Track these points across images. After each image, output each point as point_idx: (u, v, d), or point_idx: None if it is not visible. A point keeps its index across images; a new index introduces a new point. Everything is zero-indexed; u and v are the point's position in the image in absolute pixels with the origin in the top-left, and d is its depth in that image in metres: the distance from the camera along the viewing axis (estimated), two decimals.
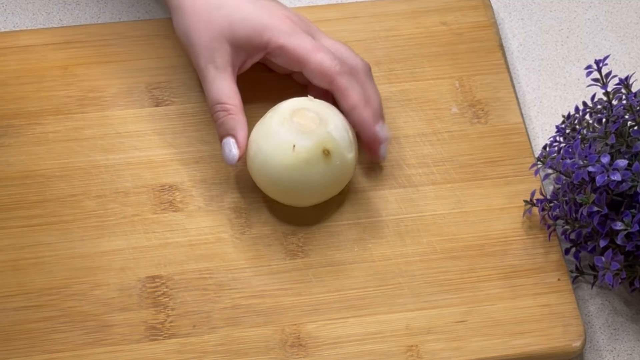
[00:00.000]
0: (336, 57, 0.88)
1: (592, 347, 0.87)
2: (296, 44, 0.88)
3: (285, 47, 0.88)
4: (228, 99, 0.87)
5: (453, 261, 0.87)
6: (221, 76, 0.88)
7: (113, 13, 1.02)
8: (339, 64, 0.87)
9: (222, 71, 0.88)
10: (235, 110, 0.87)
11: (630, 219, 0.81)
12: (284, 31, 0.88)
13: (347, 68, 0.88)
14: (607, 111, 0.87)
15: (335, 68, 0.87)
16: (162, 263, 0.86)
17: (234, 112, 0.87)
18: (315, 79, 0.88)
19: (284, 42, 0.88)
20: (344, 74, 0.88)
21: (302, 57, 0.88)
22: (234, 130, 0.87)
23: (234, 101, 0.87)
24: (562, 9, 1.05)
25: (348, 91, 0.88)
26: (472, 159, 0.92)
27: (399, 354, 0.83)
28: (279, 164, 0.84)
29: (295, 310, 0.84)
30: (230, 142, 0.87)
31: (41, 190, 0.89)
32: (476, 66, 0.97)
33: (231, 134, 0.87)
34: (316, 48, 0.88)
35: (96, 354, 0.82)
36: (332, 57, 0.88)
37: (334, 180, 0.86)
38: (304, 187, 0.85)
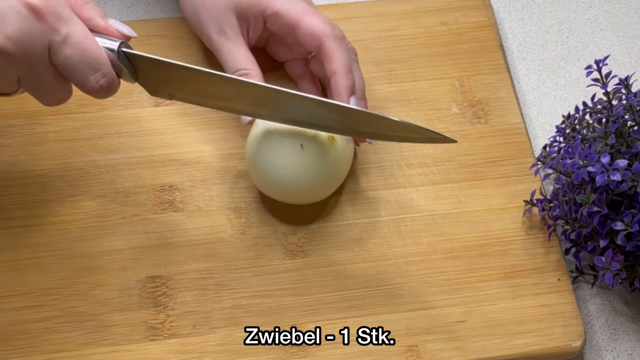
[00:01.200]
0: (328, 21, 0.88)
1: (592, 347, 0.87)
2: (289, 7, 0.88)
3: (279, 12, 0.89)
4: (246, 65, 0.89)
5: (453, 261, 0.87)
6: (236, 46, 0.89)
7: (113, 13, 1.02)
8: (329, 27, 0.88)
9: (236, 41, 0.89)
10: (254, 73, 0.89)
11: (630, 219, 0.81)
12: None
13: (338, 32, 0.88)
14: (607, 111, 0.87)
15: (326, 31, 0.87)
16: (162, 263, 0.86)
17: (254, 75, 0.88)
18: (306, 41, 0.88)
19: (279, 7, 0.89)
20: (334, 37, 0.88)
21: (294, 20, 0.88)
22: None
23: (252, 67, 0.89)
24: (562, 9, 1.05)
25: (334, 55, 0.87)
26: (472, 159, 0.92)
27: (399, 354, 0.83)
28: (288, 164, 0.84)
29: (295, 310, 0.84)
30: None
31: (41, 190, 0.89)
32: (476, 66, 0.97)
33: None
34: (309, 11, 0.88)
35: (96, 354, 0.82)
36: (324, 21, 0.88)
37: (339, 169, 0.86)
38: (312, 183, 0.85)
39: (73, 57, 0.76)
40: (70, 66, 0.77)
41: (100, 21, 0.79)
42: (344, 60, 0.87)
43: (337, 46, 0.87)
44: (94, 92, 0.78)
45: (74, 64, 0.77)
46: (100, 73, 0.78)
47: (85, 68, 0.77)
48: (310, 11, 0.89)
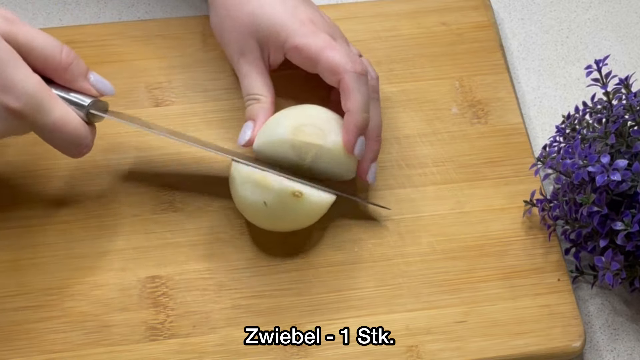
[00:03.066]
0: (350, 56, 0.87)
1: (592, 347, 0.87)
2: (309, 42, 0.87)
3: (298, 47, 0.87)
4: (258, 90, 0.89)
5: (453, 261, 0.87)
6: (253, 70, 0.90)
7: (113, 13, 1.02)
8: (350, 61, 0.86)
9: (254, 65, 0.89)
10: (264, 100, 0.89)
11: (630, 219, 0.81)
12: (301, 33, 0.87)
13: (359, 68, 0.86)
14: (607, 111, 0.87)
15: (345, 66, 0.86)
16: (162, 263, 0.86)
17: (263, 101, 0.89)
18: (327, 76, 0.87)
19: (298, 42, 0.87)
20: (353, 74, 0.86)
21: (314, 55, 0.87)
22: (256, 116, 0.89)
23: (264, 93, 0.89)
24: (562, 9, 1.05)
25: (351, 93, 0.85)
26: (472, 159, 0.92)
27: (398, 354, 0.83)
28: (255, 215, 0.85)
29: (295, 310, 0.84)
30: (248, 125, 0.88)
31: (41, 190, 0.89)
32: (476, 66, 0.97)
33: (253, 118, 0.89)
34: (329, 46, 0.87)
35: (96, 354, 0.82)
36: (345, 55, 0.86)
37: (307, 221, 0.86)
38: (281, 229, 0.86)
39: (54, 140, 0.81)
40: (52, 144, 0.81)
41: (82, 83, 0.82)
42: (360, 99, 0.86)
43: (355, 84, 0.86)
44: (73, 157, 0.83)
45: (56, 145, 0.81)
46: (81, 146, 0.82)
47: (66, 146, 0.82)
48: (331, 45, 0.87)
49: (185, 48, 0.97)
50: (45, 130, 0.80)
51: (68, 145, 0.81)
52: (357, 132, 0.85)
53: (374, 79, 0.90)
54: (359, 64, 0.86)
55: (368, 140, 0.87)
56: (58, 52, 0.80)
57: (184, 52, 0.96)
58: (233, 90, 0.95)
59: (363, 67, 0.87)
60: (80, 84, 0.82)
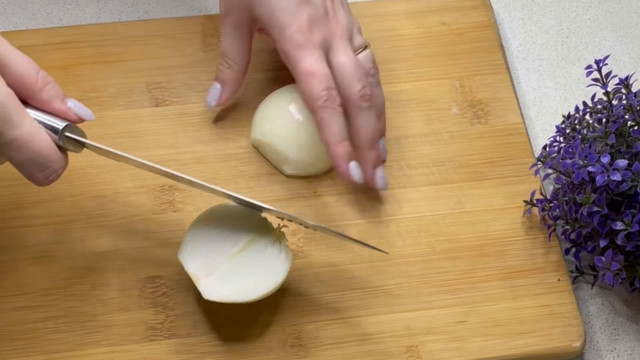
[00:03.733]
0: (329, 86, 0.85)
1: (592, 347, 0.87)
2: (297, 58, 0.86)
3: (287, 54, 0.86)
4: (234, 55, 0.91)
5: (453, 261, 0.87)
6: (234, 34, 0.90)
7: (113, 13, 1.02)
8: (326, 95, 0.85)
9: (238, 29, 0.90)
10: (236, 67, 0.91)
11: (630, 219, 0.81)
12: (294, 40, 0.86)
13: (333, 102, 0.85)
14: (607, 111, 0.87)
15: (318, 101, 0.85)
16: (162, 263, 0.86)
17: (235, 69, 0.91)
18: (304, 99, 0.86)
19: (288, 50, 0.86)
20: (326, 109, 0.85)
21: (296, 73, 0.86)
22: (224, 82, 0.91)
23: (238, 59, 0.91)
24: (562, 9, 1.05)
25: (325, 127, 0.85)
26: (472, 159, 0.92)
27: (398, 354, 0.83)
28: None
29: (295, 310, 0.84)
30: (216, 88, 0.91)
31: (41, 190, 0.88)
32: (476, 66, 0.97)
33: (221, 83, 0.91)
34: (312, 72, 0.85)
35: (96, 354, 0.82)
36: (324, 86, 0.85)
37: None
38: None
39: (19, 158, 0.75)
40: (17, 165, 0.76)
41: (59, 105, 0.77)
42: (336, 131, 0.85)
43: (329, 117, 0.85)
44: (39, 185, 0.77)
45: (21, 164, 0.75)
46: (49, 170, 0.76)
47: (32, 167, 0.76)
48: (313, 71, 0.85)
49: (185, 48, 0.97)
50: (11, 145, 0.74)
51: (34, 167, 0.75)
52: (341, 159, 0.85)
53: (359, 93, 0.87)
54: (333, 96, 0.85)
55: (362, 150, 0.87)
56: (34, 72, 0.76)
57: (184, 52, 0.96)
58: None
59: (341, 95, 0.86)
60: (57, 105, 0.77)
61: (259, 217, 0.83)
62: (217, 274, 0.81)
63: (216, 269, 0.82)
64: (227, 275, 0.81)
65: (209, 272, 0.81)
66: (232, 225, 0.83)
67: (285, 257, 0.82)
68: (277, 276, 0.82)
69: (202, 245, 0.82)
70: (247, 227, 0.83)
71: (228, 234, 0.83)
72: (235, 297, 0.81)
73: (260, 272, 0.82)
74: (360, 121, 0.87)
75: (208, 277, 0.81)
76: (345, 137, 0.86)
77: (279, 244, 0.83)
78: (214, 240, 0.82)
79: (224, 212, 0.84)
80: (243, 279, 0.81)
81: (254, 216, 0.83)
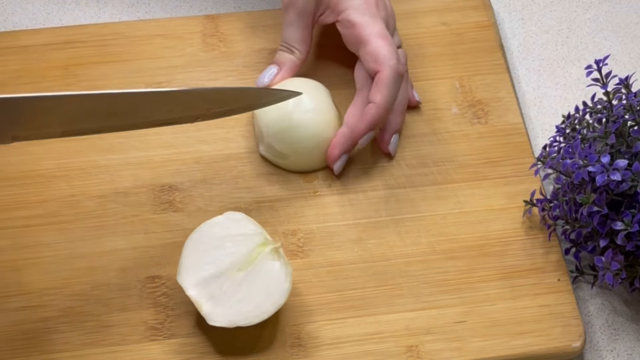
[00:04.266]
0: (395, 52, 0.88)
1: (592, 347, 0.87)
2: (365, 23, 0.89)
3: (353, 22, 0.89)
4: (295, 43, 0.92)
5: (453, 261, 0.87)
6: (298, 21, 0.91)
7: (113, 13, 1.02)
8: (395, 58, 0.88)
9: (302, 17, 0.91)
10: (297, 54, 0.92)
11: (630, 219, 0.81)
12: (361, 10, 0.89)
13: (401, 68, 0.88)
14: (607, 111, 0.87)
15: (390, 61, 0.87)
16: (162, 263, 0.86)
17: (296, 54, 0.91)
18: (368, 61, 0.89)
19: (354, 18, 0.89)
20: (393, 71, 0.87)
21: (364, 37, 0.89)
22: (283, 64, 0.92)
23: (300, 46, 0.92)
24: (562, 9, 1.05)
25: (385, 88, 0.87)
26: (472, 159, 0.92)
27: (398, 354, 0.83)
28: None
29: (295, 310, 0.84)
30: (272, 70, 0.92)
31: (41, 190, 0.89)
32: (476, 66, 0.97)
33: (279, 64, 0.91)
34: (382, 35, 0.88)
35: (96, 354, 0.82)
36: (392, 50, 0.88)
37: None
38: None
39: None
40: None
41: None
42: (389, 97, 0.88)
43: (391, 81, 0.87)
44: None
45: None
46: None
47: None
48: (383, 35, 0.88)
49: (185, 48, 0.97)
50: None
51: None
52: (373, 123, 0.88)
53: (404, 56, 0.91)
54: (402, 65, 0.88)
55: (393, 115, 0.90)
56: None
57: (184, 52, 0.96)
58: None
59: (403, 68, 0.89)
60: None
61: (254, 233, 0.83)
62: (219, 298, 0.81)
63: (218, 291, 0.81)
64: (229, 299, 0.81)
65: (210, 295, 0.81)
66: (228, 243, 0.82)
67: (286, 274, 0.82)
68: (279, 295, 0.81)
69: (200, 266, 0.81)
70: (243, 245, 0.82)
71: (225, 253, 0.82)
72: (241, 322, 0.80)
73: (262, 293, 0.81)
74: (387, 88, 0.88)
75: (210, 300, 0.81)
76: (391, 109, 0.89)
77: (277, 260, 0.82)
78: (211, 260, 0.82)
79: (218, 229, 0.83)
80: (246, 301, 0.81)
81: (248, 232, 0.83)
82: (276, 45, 0.94)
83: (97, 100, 0.78)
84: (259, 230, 0.82)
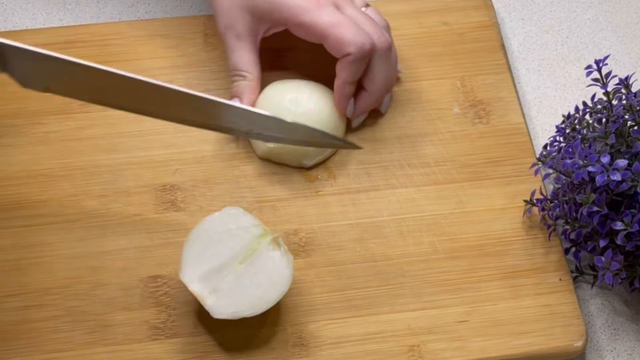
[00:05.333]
0: (359, 32, 0.87)
1: (593, 347, 0.87)
2: (315, 20, 0.87)
3: (303, 24, 0.88)
4: (245, 67, 0.90)
5: (454, 261, 0.87)
6: (240, 45, 0.90)
7: (113, 13, 1.02)
8: (360, 40, 0.87)
9: (242, 40, 0.90)
10: (250, 78, 0.90)
11: (630, 219, 0.81)
12: (304, 8, 0.87)
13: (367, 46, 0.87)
14: (607, 111, 0.87)
15: (353, 46, 0.86)
16: (164, 263, 0.86)
17: (249, 79, 0.90)
18: (335, 53, 0.88)
19: (303, 20, 0.87)
20: (359, 54, 0.87)
21: (320, 33, 0.88)
22: (242, 94, 0.90)
23: (250, 69, 0.90)
24: (562, 9, 1.05)
25: (350, 68, 0.87)
26: (474, 159, 0.92)
27: (400, 353, 0.83)
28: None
29: (296, 309, 0.84)
30: (235, 102, 0.89)
31: (43, 189, 0.89)
32: (478, 66, 0.97)
33: (238, 96, 0.90)
34: (336, 23, 0.87)
35: (98, 354, 0.82)
36: (354, 32, 0.87)
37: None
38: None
39: None
40: None
41: None
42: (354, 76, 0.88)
43: (357, 63, 0.87)
44: None
45: None
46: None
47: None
48: (337, 22, 0.87)
49: (186, 48, 0.97)
50: None
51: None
52: (347, 98, 0.89)
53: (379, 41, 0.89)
54: (369, 43, 0.87)
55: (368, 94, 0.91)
56: None
57: (186, 52, 0.96)
58: None
59: (372, 47, 0.88)
60: None
61: (252, 225, 0.83)
62: (222, 290, 0.81)
63: (220, 284, 0.81)
64: (232, 291, 0.81)
65: (213, 289, 0.81)
66: (227, 237, 0.82)
67: (287, 262, 0.82)
68: (282, 283, 0.81)
69: (202, 261, 0.81)
70: (242, 237, 0.82)
71: (225, 247, 0.82)
72: (245, 312, 0.80)
73: (265, 282, 0.81)
74: (378, 67, 0.89)
75: (213, 294, 0.81)
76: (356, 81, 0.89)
77: (278, 249, 0.82)
78: (211, 255, 0.82)
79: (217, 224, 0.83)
80: (249, 291, 0.81)
81: (247, 225, 0.83)
82: (278, 45, 0.94)
83: (128, 82, 0.80)
84: (256, 223, 0.83)
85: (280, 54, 0.97)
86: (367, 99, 0.91)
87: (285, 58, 0.97)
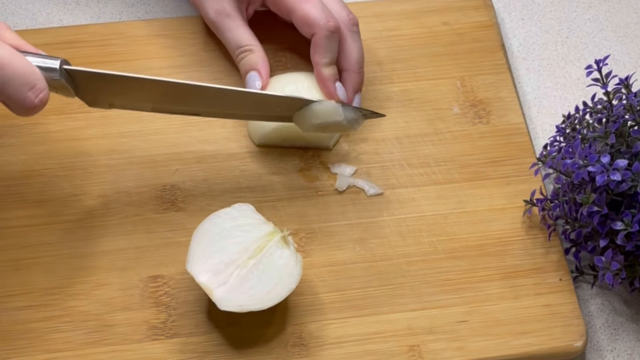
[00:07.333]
0: (325, 11, 0.89)
1: (593, 347, 0.87)
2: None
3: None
4: (248, 41, 0.92)
5: (454, 261, 0.87)
6: (236, 23, 0.92)
7: (113, 13, 1.02)
8: (325, 17, 0.89)
9: (235, 19, 0.92)
10: (257, 49, 0.92)
11: (630, 219, 0.81)
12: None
13: (332, 25, 0.89)
14: (607, 111, 0.87)
15: (319, 21, 0.89)
16: (164, 263, 0.86)
17: (256, 50, 0.91)
18: (301, 27, 0.90)
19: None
20: (325, 30, 0.89)
21: (289, 6, 0.90)
22: (257, 65, 0.91)
23: (254, 42, 0.92)
24: (562, 9, 1.05)
25: (321, 48, 0.89)
26: (474, 159, 0.92)
27: (400, 353, 0.83)
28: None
29: (297, 309, 0.84)
30: (254, 75, 0.91)
31: (43, 189, 0.89)
32: (478, 66, 0.97)
33: (255, 68, 0.91)
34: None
35: (98, 354, 0.82)
36: (320, 10, 0.89)
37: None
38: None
39: (4, 77, 0.76)
40: (4, 86, 0.76)
41: (27, 45, 0.80)
42: (329, 55, 0.89)
43: (326, 40, 0.89)
44: (32, 109, 0.78)
45: (7, 83, 0.76)
46: (37, 88, 0.78)
47: (19, 85, 0.77)
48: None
49: (186, 48, 0.97)
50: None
51: (20, 87, 0.76)
52: (332, 81, 0.90)
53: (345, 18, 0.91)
54: (332, 20, 0.89)
55: (349, 73, 0.91)
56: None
57: (186, 52, 0.96)
58: None
59: (336, 24, 0.89)
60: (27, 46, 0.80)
61: (262, 222, 0.83)
62: (230, 283, 0.81)
63: (228, 277, 0.81)
64: (240, 284, 0.81)
65: (221, 281, 0.81)
66: (237, 232, 0.83)
67: (296, 260, 0.82)
68: (291, 280, 0.81)
69: (210, 254, 0.82)
70: (252, 233, 0.82)
71: (234, 241, 0.82)
72: (252, 306, 0.80)
73: (273, 278, 0.81)
74: (350, 44, 0.91)
75: (221, 287, 0.81)
76: (334, 61, 0.90)
77: (287, 248, 0.82)
78: (220, 248, 0.82)
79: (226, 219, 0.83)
80: (257, 286, 0.81)
81: (256, 222, 0.83)
82: (278, 45, 0.94)
83: (186, 89, 0.84)
84: (266, 221, 0.83)
85: (281, 54, 0.97)
86: (351, 78, 0.92)
87: (285, 58, 0.97)
